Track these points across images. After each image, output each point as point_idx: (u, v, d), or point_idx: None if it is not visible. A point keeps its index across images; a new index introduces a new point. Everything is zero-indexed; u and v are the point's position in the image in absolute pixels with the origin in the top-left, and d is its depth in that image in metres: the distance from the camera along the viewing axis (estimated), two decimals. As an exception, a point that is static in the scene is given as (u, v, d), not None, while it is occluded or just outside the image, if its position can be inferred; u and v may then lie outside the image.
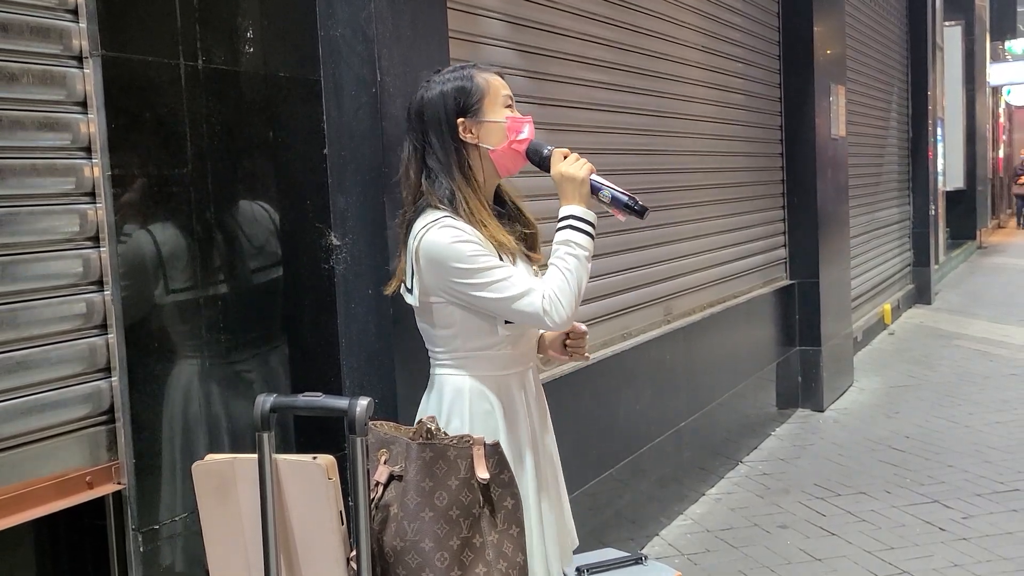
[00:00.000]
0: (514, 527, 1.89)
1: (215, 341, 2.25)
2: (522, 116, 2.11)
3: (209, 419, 2.24)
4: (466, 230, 1.99)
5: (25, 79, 1.92)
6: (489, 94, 2.07)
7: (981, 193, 16.72)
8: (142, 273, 2.09)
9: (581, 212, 2.06)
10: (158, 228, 2.13)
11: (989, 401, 6.28)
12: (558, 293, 2.00)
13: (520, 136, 2.08)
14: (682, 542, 4.08)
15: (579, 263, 2.03)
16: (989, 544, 3.93)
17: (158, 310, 2.13)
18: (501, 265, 2.00)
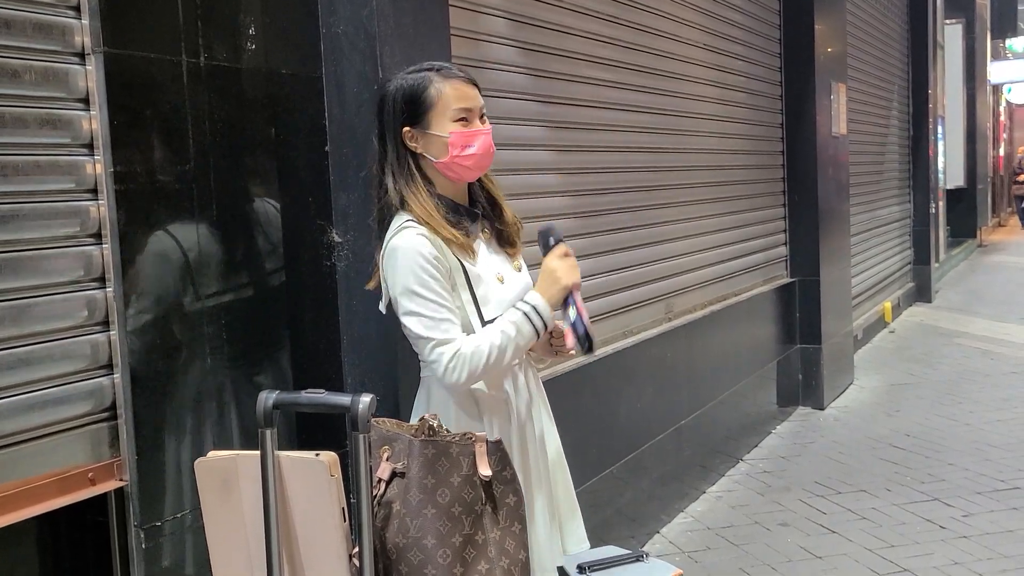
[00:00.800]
0: (516, 524, 1.89)
1: (217, 338, 2.25)
2: (473, 131, 2.06)
3: (211, 416, 2.24)
4: (424, 247, 1.98)
5: (27, 76, 1.92)
6: (438, 105, 2.05)
7: (982, 191, 16.72)
8: (144, 270, 2.09)
9: (543, 307, 2.05)
10: (160, 225, 2.13)
11: (989, 399, 6.29)
12: (468, 359, 1.98)
13: (467, 151, 2.05)
14: (683, 540, 4.09)
15: (510, 345, 2.01)
16: (989, 542, 3.93)
17: (160, 307, 2.13)
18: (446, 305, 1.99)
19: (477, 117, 2.09)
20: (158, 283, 2.13)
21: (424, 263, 1.98)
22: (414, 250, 1.98)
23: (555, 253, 2.09)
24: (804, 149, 6.03)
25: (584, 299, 3.81)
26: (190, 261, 2.19)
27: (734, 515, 4.35)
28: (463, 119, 2.07)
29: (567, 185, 3.69)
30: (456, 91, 2.07)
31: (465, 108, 2.07)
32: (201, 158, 2.22)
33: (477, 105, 2.09)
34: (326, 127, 2.58)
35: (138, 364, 2.08)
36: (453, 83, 2.07)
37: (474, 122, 2.08)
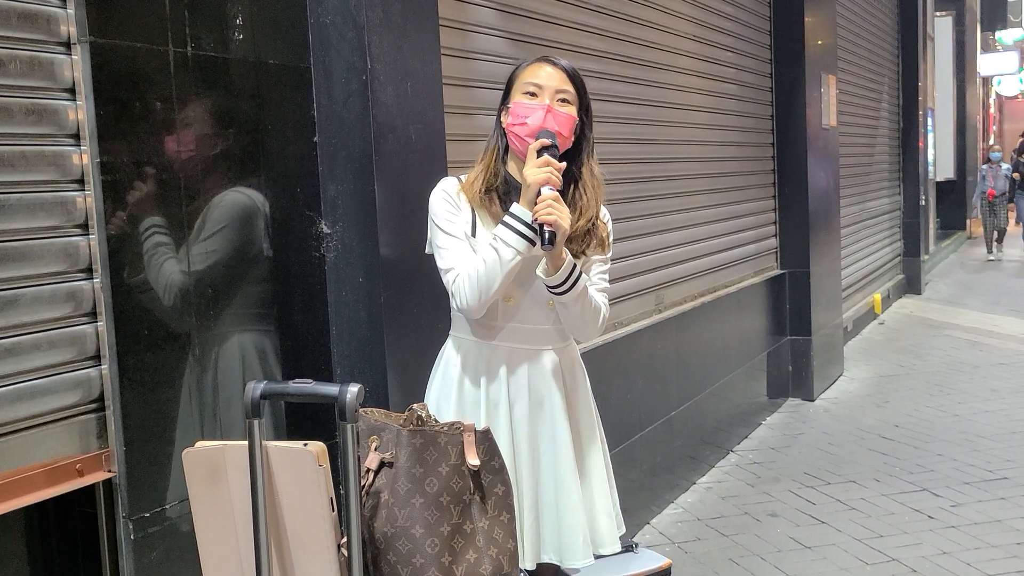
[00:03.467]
0: (505, 513, 1.90)
1: (205, 328, 2.25)
2: (531, 104, 2.16)
3: (199, 406, 2.24)
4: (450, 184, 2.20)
5: (12, 65, 1.90)
6: (518, 81, 2.21)
7: (971, 183, 16.76)
8: (132, 261, 2.09)
9: (518, 209, 2.10)
10: (147, 215, 2.12)
11: (978, 390, 6.31)
12: (466, 280, 2.11)
13: (520, 120, 2.15)
14: (673, 530, 4.10)
15: (496, 257, 2.08)
16: (978, 532, 3.95)
17: (148, 298, 2.13)
18: (452, 235, 2.16)
19: (550, 97, 2.16)
20: (146, 274, 2.12)
21: (441, 200, 2.20)
22: (441, 187, 2.22)
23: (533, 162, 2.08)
24: (794, 141, 6.04)
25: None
26: (178, 252, 2.19)
27: (724, 506, 4.37)
28: (530, 93, 2.16)
29: (557, 176, 3.68)
30: (535, 70, 2.19)
31: (534, 83, 2.17)
32: (188, 148, 2.21)
33: (550, 85, 2.17)
34: (314, 117, 2.57)
35: (126, 355, 2.07)
36: (539, 64, 2.21)
37: (542, 99, 2.16)
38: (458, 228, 2.17)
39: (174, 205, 2.18)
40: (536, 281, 2.15)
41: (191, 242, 2.20)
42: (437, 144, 2.80)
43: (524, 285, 2.18)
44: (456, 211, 2.19)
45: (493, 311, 2.18)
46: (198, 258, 2.21)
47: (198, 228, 2.23)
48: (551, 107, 2.15)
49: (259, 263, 2.41)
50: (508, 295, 2.17)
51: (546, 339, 2.23)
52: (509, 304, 2.18)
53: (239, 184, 2.36)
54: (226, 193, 2.30)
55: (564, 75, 2.19)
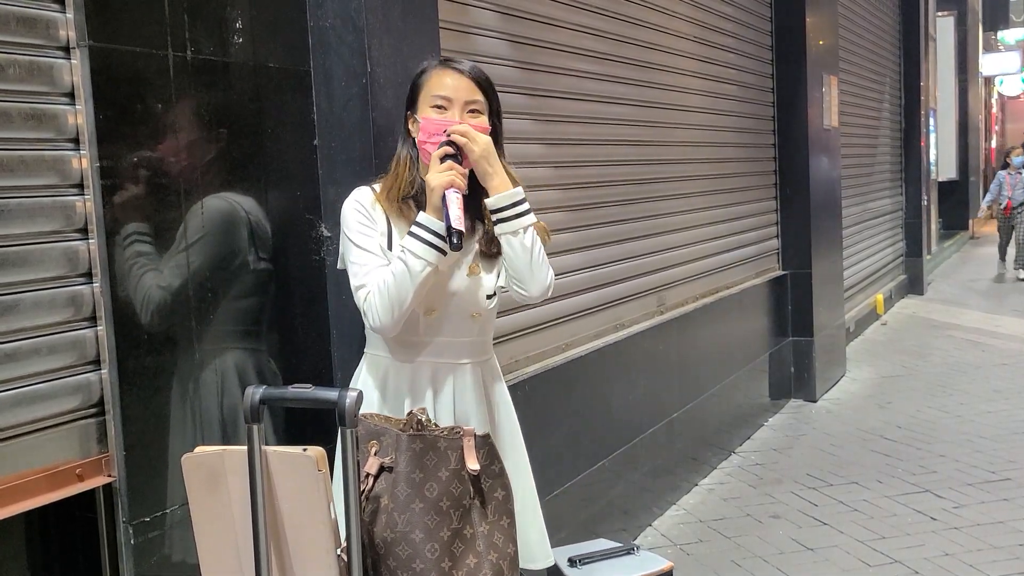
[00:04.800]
0: (505, 518, 1.90)
1: (205, 333, 2.24)
2: (440, 119, 2.07)
3: (199, 411, 2.23)
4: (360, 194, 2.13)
5: (12, 70, 1.90)
6: (423, 91, 2.12)
7: (974, 183, 16.77)
8: (131, 265, 2.09)
9: (423, 218, 2.02)
10: (147, 220, 2.12)
11: (980, 391, 6.30)
12: (376, 297, 2.04)
13: (431, 140, 2.07)
14: (675, 532, 4.09)
15: (404, 269, 2.00)
16: (980, 533, 3.95)
17: (148, 302, 2.12)
18: (366, 249, 2.08)
19: (461, 110, 2.08)
20: (145, 278, 2.12)
21: (352, 213, 2.12)
22: (349, 203, 2.14)
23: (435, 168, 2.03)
24: (796, 142, 6.04)
25: (576, 292, 3.84)
26: (178, 256, 2.18)
27: (726, 507, 4.36)
28: (438, 107, 2.08)
29: (557, 179, 3.68)
30: (440, 79, 2.10)
31: (442, 96, 2.09)
32: (188, 153, 2.21)
33: (459, 97, 2.09)
34: (314, 121, 2.57)
35: (126, 360, 2.07)
36: (443, 71, 2.11)
37: (452, 112, 2.08)
38: (372, 242, 2.09)
39: (174, 209, 2.18)
40: (459, 292, 2.10)
41: (172, 252, 2.17)
42: (437, 147, 2.79)
43: (445, 296, 2.10)
44: (370, 223, 2.11)
45: (414, 326, 2.10)
46: (178, 269, 2.19)
47: (180, 236, 2.18)
48: (463, 122, 2.07)
49: (257, 267, 2.41)
50: (430, 308, 2.09)
51: (469, 352, 2.16)
52: (432, 317, 2.10)
53: (239, 187, 2.35)
54: (208, 199, 2.26)
55: (472, 83, 2.10)
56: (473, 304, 2.13)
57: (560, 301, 3.65)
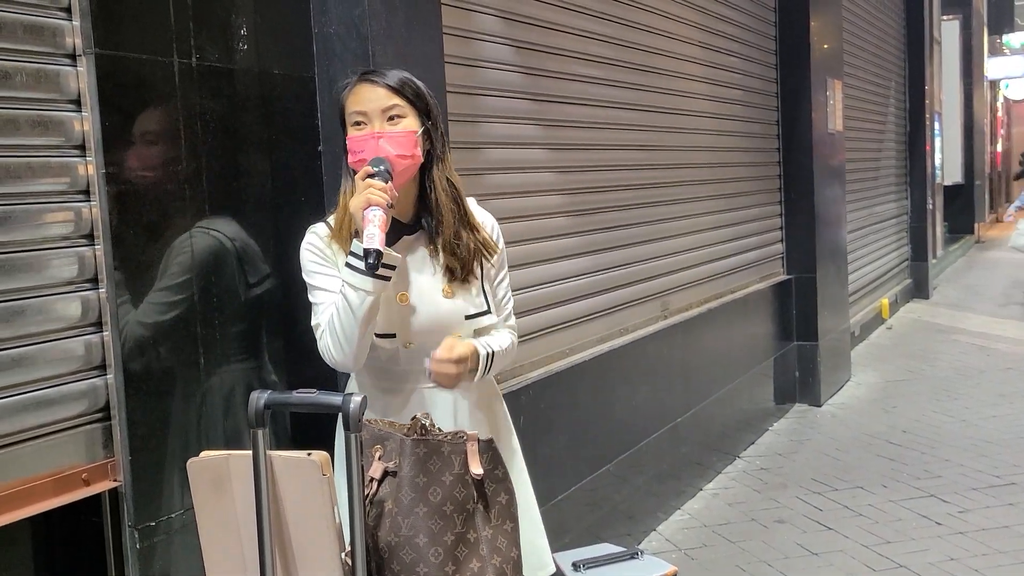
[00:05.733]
0: (508, 522, 1.90)
1: (210, 338, 2.25)
2: (360, 135, 2.02)
3: (204, 416, 2.24)
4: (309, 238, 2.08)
5: (19, 78, 1.92)
6: (345, 110, 2.08)
7: (979, 187, 16.73)
8: (137, 270, 2.10)
9: (357, 248, 1.94)
10: (153, 226, 2.13)
11: (986, 395, 6.29)
12: (328, 335, 2.01)
13: (357, 157, 2.02)
14: (679, 537, 4.09)
15: (345, 304, 1.95)
16: (985, 538, 3.94)
17: (153, 307, 2.13)
18: (323, 288, 2.04)
19: (379, 119, 2.02)
20: (151, 283, 2.13)
21: (307, 254, 2.08)
22: (303, 246, 2.10)
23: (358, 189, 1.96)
24: (800, 146, 6.04)
25: (579, 297, 3.84)
26: (183, 261, 2.19)
27: (731, 512, 4.36)
28: (357, 123, 2.04)
29: (561, 183, 3.69)
30: (353, 96, 2.05)
31: (358, 112, 2.03)
32: (193, 159, 2.22)
33: (375, 108, 2.02)
34: (319, 127, 2.58)
35: (132, 365, 2.08)
36: (357, 87, 2.06)
37: (371, 124, 2.02)
38: (329, 281, 2.03)
39: (179, 215, 2.19)
40: (436, 318, 2.06)
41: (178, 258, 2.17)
42: (441, 152, 2.80)
43: (422, 325, 2.06)
44: (325, 263, 2.05)
45: (395, 358, 2.07)
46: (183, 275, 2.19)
47: (166, 267, 2.14)
48: (381, 133, 2.00)
49: (264, 272, 2.42)
50: (407, 341, 2.06)
51: None
52: (411, 348, 2.07)
53: (243, 193, 2.36)
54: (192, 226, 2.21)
55: (387, 90, 2.02)
56: (452, 327, 2.07)
57: (564, 306, 3.66)
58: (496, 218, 2.25)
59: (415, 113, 2.05)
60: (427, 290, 2.07)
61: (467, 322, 2.10)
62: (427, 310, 2.06)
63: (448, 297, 2.08)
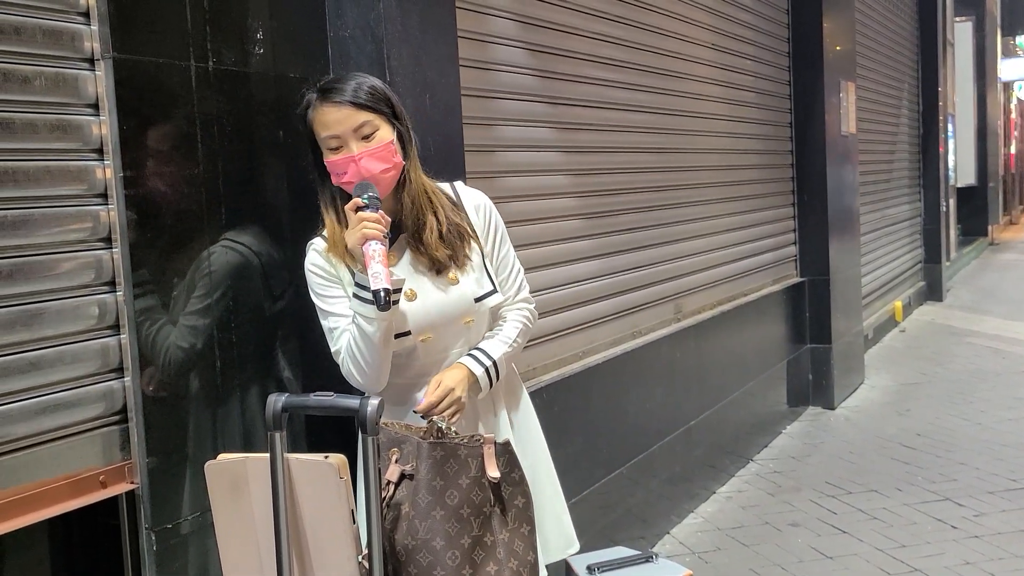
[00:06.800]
0: (525, 525, 1.90)
1: (227, 340, 2.26)
2: (340, 158, 2.02)
3: (221, 418, 2.25)
4: (311, 258, 2.09)
5: (37, 82, 1.93)
6: (315, 133, 2.06)
7: (993, 189, 16.65)
8: (154, 274, 2.11)
9: (361, 279, 1.96)
10: (170, 229, 2.14)
11: (1001, 398, 6.26)
12: (350, 362, 2.04)
13: (344, 179, 2.03)
14: (693, 540, 4.08)
15: (360, 333, 1.98)
16: (1001, 542, 3.92)
17: (170, 310, 2.14)
18: (332, 312, 2.07)
19: (353, 139, 2.01)
20: (168, 286, 2.14)
21: (312, 276, 2.10)
22: (307, 266, 2.11)
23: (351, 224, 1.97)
24: (813, 148, 6.02)
25: (593, 300, 3.84)
26: (199, 264, 2.20)
27: (744, 515, 4.35)
28: (334, 147, 2.03)
29: (575, 186, 3.69)
30: (320, 121, 2.04)
31: (331, 136, 2.02)
32: (210, 162, 2.23)
33: (345, 129, 2.01)
34: (334, 130, 2.58)
35: (148, 368, 2.09)
36: (319, 111, 2.04)
37: (348, 147, 2.01)
38: (337, 303, 2.07)
39: (195, 218, 2.20)
40: (447, 306, 2.08)
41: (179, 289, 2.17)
42: (456, 155, 2.81)
43: (435, 317, 2.08)
44: (330, 282, 2.08)
45: (412, 352, 2.10)
46: (219, 270, 2.21)
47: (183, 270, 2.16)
48: (360, 155, 2.00)
49: (279, 274, 2.42)
50: (423, 335, 2.08)
51: None
52: (428, 342, 2.10)
53: (260, 196, 2.37)
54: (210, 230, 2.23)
55: (352, 108, 2.01)
56: (464, 312, 2.11)
57: (577, 309, 3.65)
58: (510, 221, 2.26)
59: (384, 119, 2.05)
60: (431, 282, 2.09)
61: (477, 304, 2.12)
62: (436, 301, 2.08)
63: (454, 284, 2.10)
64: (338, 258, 2.06)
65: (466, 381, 2.06)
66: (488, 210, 2.21)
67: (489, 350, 2.13)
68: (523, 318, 2.23)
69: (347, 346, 2.02)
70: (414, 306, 2.06)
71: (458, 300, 2.10)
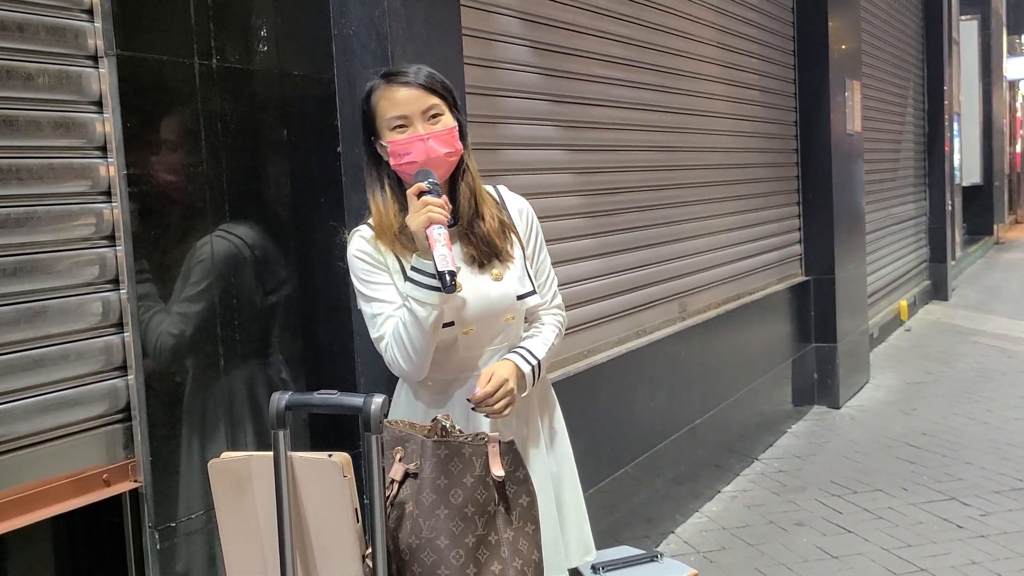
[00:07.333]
0: (529, 524, 1.89)
1: (230, 339, 2.26)
2: (407, 138, 2.02)
3: (225, 417, 2.25)
4: (357, 244, 2.08)
5: (41, 79, 1.92)
6: (378, 116, 2.07)
7: (998, 188, 16.61)
8: (158, 271, 2.10)
9: (418, 263, 1.98)
10: (173, 227, 2.13)
11: (1007, 397, 6.24)
12: (395, 347, 2.03)
13: (406, 159, 2.03)
14: (698, 540, 4.08)
15: (412, 318, 1.97)
16: (1007, 541, 3.90)
17: (174, 308, 2.14)
18: (376, 299, 2.06)
19: (420, 120, 2.03)
20: (171, 284, 2.13)
21: (356, 262, 2.08)
22: (351, 252, 2.09)
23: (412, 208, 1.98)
24: (818, 147, 6.01)
25: (597, 298, 3.83)
26: (203, 262, 2.20)
27: (749, 515, 4.34)
28: (399, 127, 2.04)
29: (580, 184, 3.68)
30: (388, 99, 2.05)
31: (399, 116, 2.03)
32: (214, 160, 2.23)
33: (414, 109, 2.03)
34: (338, 128, 2.58)
35: (152, 366, 2.08)
36: (388, 90, 2.05)
37: (414, 127, 2.03)
38: (382, 290, 2.06)
39: (199, 216, 2.19)
40: (490, 301, 2.08)
41: (199, 260, 2.18)
42: (460, 153, 2.80)
43: (478, 311, 2.08)
44: (376, 268, 2.07)
45: (453, 345, 2.09)
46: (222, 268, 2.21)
47: (186, 268, 2.16)
48: (427, 134, 2.02)
49: (283, 273, 2.42)
50: (467, 327, 2.08)
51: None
52: (469, 335, 2.09)
53: (263, 194, 2.37)
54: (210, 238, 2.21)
55: (421, 91, 2.03)
56: (506, 309, 2.12)
57: (581, 307, 3.64)
58: None
59: (447, 107, 2.07)
60: (476, 276, 2.09)
61: (519, 302, 2.13)
62: (480, 295, 2.08)
63: (497, 280, 2.11)
64: (386, 245, 2.06)
65: (516, 376, 2.06)
66: (530, 215, 2.23)
67: (533, 350, 2.14)
68: (558, 323, 2.24)
69: (393, 331, 2.02)
70: (459, 299, 2.07)
71: (501, 295, 2.10)
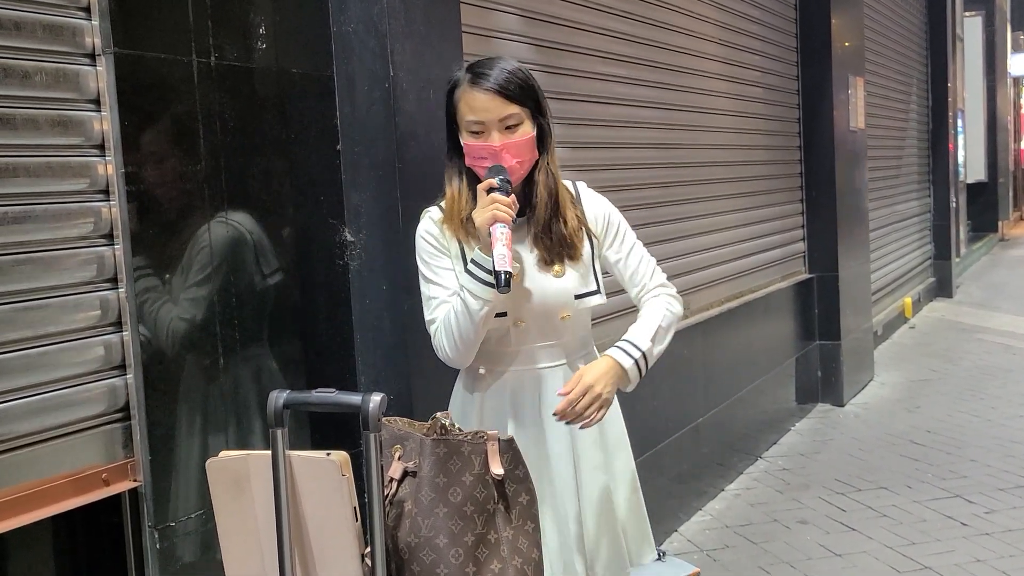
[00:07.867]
0: (529, 523, 1.88)
1: (229, 337, 2.25)
2: (481, 144, 2.02)
3: (224, 416, 2.24)
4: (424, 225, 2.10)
5: (38, 77, 1.92)
6: (458, 112, 2.07)
7: (1003, 185, 16.56)
8: (157, 270, 2.10)
9: (479, 257, 1.99)
10: (172, 225, 2.13)
11: (1011, 395, 6.22)
12: (443, 333, 2.05)
13: (480, 162, 2.04)
14: (701, 538, 4.07)
15: (464, 308, 1.99)
16: (1012, 539, 3.89)
17: (173, 307, 2.13)
18: (435, 282, 2.08)
19: (497, 129, 2.02)
20: (170, 283, 2.13)
21: (422, 242, 2.11)
22: (419, 231, 2.13)
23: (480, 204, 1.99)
24: (822, 144, 5.99)
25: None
26: (202, 261, 2.19)
27: (753, 513, 4.33)
28: (476, 132, 2.04)
29: (581, 182, 3.67)
30: (468, 103, 2.04)
31: (475, 121, 2.03)
32: (212, 158, 2.22)
33: (491, 119, 2.01)
34: (337, 126, 2.57)
35: (151, 365, 2.08)
36: (470, 93, 2.03)
37: (490, 134, 2.02)
38: (442, 274, 2.08)
39: (198, 214, 2.19)
40: (546, 298, 2.08)
41: (198, 258, 2.18)
42: (460, 151, 2.79)
43: (532, 304, 2.08)
44: (439, 252, 2.09)
45: (505, 338, 2.09)
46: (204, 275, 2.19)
47: (185, 266, 2.16)
48: (501, 146, 2.01)
49: (283, 271, 2.41)
50: (518, 319, 2.08)
51: (564, 353, 2.15)
52: (521, 327, 2.09)
53: (262, 192, 2.36)
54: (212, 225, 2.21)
55: (500, 99, 2.01)
56: (561, 307, 2.10)
57: (584, 305, 3.63)
58: None
59: (528, 114, 2.06)
60: (536, 269, 2.09)
61: (576, 301, 2.12)
62: (536, 289, 2.08)
63: (558, 277, 2.10)
64: (452, 231, 2.08)
65: (611, 375, 2.06)
66: (607, 212, 2.25)
67: (636, 340, 2.12)
68: (665, 303, 2.21)
69: (444, 318, 2.04)
70: (515, 289, 2.05)
71: (558, 292, 2.10)
